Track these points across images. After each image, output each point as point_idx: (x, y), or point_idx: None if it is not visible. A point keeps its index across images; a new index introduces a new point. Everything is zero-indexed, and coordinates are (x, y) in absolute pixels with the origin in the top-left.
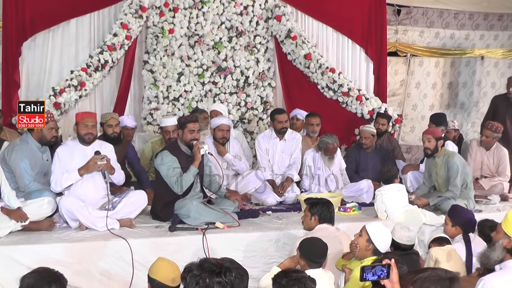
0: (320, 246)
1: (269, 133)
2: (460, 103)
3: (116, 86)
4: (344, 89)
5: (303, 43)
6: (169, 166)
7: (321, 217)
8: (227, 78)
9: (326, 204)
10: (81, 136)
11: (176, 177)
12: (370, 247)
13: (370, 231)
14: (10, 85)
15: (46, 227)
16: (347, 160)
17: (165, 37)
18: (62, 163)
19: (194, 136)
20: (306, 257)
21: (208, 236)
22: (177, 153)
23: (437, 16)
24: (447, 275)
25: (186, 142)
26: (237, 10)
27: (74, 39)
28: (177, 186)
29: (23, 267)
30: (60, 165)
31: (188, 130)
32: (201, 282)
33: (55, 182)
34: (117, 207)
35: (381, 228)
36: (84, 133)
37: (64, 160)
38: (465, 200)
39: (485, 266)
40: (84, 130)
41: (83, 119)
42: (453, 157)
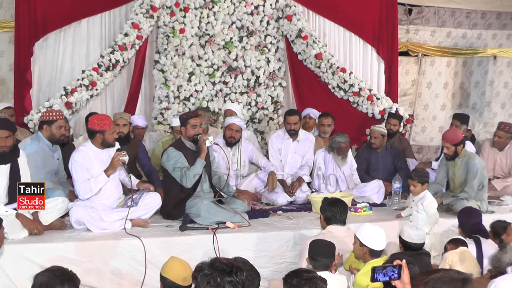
0: (326, 247)
1: (282, 133)
2: (472, 103)
3: (127, 86)
4: (355, 89)
5: (314, 43)
6: (175, 161)
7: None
8: (238, 78)
9: (334, 204)
10: (109, 143)
11: (183, 171)
12: (365, 251)
13: (359, 235)
14: (22, 85)
15: (58, 227)
16: (358, 160)
17: (176, 37)
18: (83, 170)
19: (197, 131)
20: (311, 257)
21: (219, 236)
22: (183, 150)
23: (449, 16)
24: (459, 276)
25: (190, 137)
26: (247, 10)
27: (86, 39)
28: (185, 179)
29: (35, 265)
30: (82, 172)
31: (190, 125)
32: (212, 282)
33: (84, 190)
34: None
35: (369, 229)
36: (113, 140)
37: (85, 166)
38: (478, 201)
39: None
40: (111, 137)
41: (110, 127)
42: (473, 158)
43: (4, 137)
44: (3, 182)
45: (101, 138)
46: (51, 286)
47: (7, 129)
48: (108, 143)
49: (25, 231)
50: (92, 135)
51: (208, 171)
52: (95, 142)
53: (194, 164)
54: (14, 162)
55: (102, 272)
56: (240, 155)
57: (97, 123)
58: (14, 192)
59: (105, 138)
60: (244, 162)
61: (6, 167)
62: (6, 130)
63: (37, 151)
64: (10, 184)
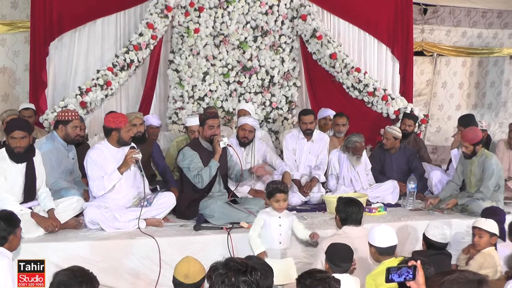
0: (345, 251)
1: (297, 133)
2: (488, 103)
3: (141, 86)
4: (370, 89)
5: (329, 43)
6: (190, 161)
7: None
8: (252, 78)
9: (350, 204)
10: (124, 141)
11: (196, 171)
12: (373, 250)
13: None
14: (37, 84)
15: (73, 226)
16: (372, 161)
17: (190, 37)
18: (98, 167)
19: (214, 132)
20: (330, 261)
21: (233, 235)
22: (199, 150)
23: (464, 15)
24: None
25: (206, 138)
26: (262, 10)
27: (100, 38)
28: (198, 180)
29: (50, 264)
30: (97, 169)
31: (207, 126)
32: (227, 281)
33: (97, 187)
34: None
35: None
36: (128, 138)
37: (100, 164)
38: (494, 202)
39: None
40: (127, 134)
41: (125, 125)
42: (490, 158)
43: (20, 137)
44: (19, 181)
45: (117, 136)
46: (68, 286)
47: (23, 130)
48: (124, 141)
49: (40, 230)
50: (108, 133)
51: (223, 172)
52: (111, 140)
53: (208, 165)
54: (30, 161)
55: (116, 271)
56: (254, 155)
57: (113, 120)
58: (29, 191)
59: (120, 136)
60: (257, 162)
61: (22, 166)
62: (21, 130)
63: (52, 150)
64: (26, 183)
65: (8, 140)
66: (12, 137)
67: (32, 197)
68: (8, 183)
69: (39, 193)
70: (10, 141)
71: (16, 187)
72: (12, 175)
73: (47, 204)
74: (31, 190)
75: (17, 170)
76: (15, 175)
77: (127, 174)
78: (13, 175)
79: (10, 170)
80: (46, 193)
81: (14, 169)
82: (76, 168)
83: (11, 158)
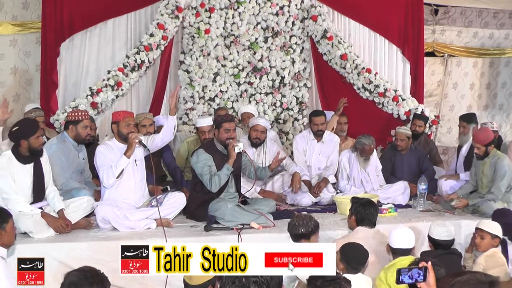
0: (361, 253)
1: (307, 134)
2: (499, 104)
3: (152, 86)
4: (380, 89)
5: (339, 44)
6: (204, 164)
7: (358, 217)
8: (263, 79)
9: (367, 205)
10: (123, 135)
11: (210, 175)
12: (388, 249)
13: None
14: (48, 85)
15: (83, 226)
16: (383, 161)
17: (201, 38)
18: (107, 158)
19: (230, 135)
20: (346, 261)
21: (244, 236)
22: (213, 152)
23: (475, 16)
24: (486, 279)
25: (222, 141)
26: (273, 11)
27: (111, 39)
28: (211, 184)
29: (60, 264)
30: (105, 159)
31: (223, 129)
32: (237, 281)
33: (107, 175)
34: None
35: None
36: (127, 132)
37: (109, 156)
38: (505, 203)
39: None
40: (126, 129)
41: (124, 119)
42: (502, 159)
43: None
44: (28, 182)
45: (116, 129)
46: (79, 286)
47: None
48: (123, 135)
49: (51, 230)
50: (111, 128)
51: (236, 174)
52: (115, 135)
53: (222, 170)
54: (37, 161)
55: None
56: (265, 155)
57: (114, 114)
58: (38, 191)
59: (119, 129)
60: (269, 162)
61: (29, 166)
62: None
63: (62, 150)
64: (34, 183)
65: (32, 141)
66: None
67: (41, 197)
68: (16, 184)
69: (47, 192)
70: (34, 141)
71: (25, 187)
72: (20, 176)
73: (57, 204)
74: (40, 190)
75: (25, 171)
76: (23, 176)
77: (134, 169)
78: (21, 176)
79: (17, 171)
80: (54, 192)
81: (22, 170)
82: (86, 168)
83: (18, 159)
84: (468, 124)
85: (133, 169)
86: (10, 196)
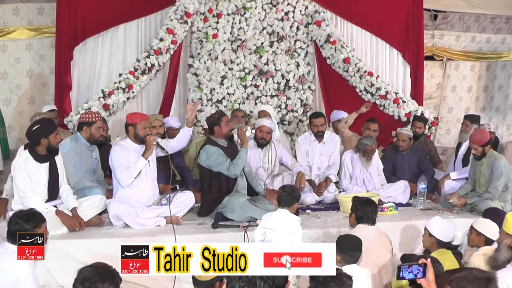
0: (354, 240)
1: (308, 135)
2: (496, 106)
3: (162, 89)
4: (382, 92)
5: (342, 48)
6: (217, 155)
7: (357, 215)
8: (268, 81)
9: (366, 204)
10: (140, 137)
11: (228, 162)
12: (432, 240)
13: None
14: (62, 87)
15: (95, 224)
16: (384, 162)
17: (209, 42)
18: (123, 158)
19: (232, 126)
20: (341, 251)
21: (250, 234)
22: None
23: (473, 21)
24: (483, 275)
25: (226, 134)
26: (278, 16)
27: (123, 43)
28: (233, 168)
29: (74, 261)
30: (122, 159)
31: (224, 123)
32: (244, 277)
33: (125, 175)
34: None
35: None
36: (144, 135)
37: (124, 156)
38: (502, 202)
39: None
40: (143, 132)
41: (141, 122)
42: (499, 160)
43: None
44: (43, 181)
45: (133, 131)
46: (92, 282)
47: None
48: (140, 137)
49: (64, 227)
50: (126, 129)
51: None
52: (130, 136)
53: (239, 154)
54: (52, 161)
55: None
56: (271, 155)
57: (130, 116)
58: (53, 190)
59: (136, 132)
60: (274, 162)
61: (45, 165)
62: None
63: (76, 150)
64: (50, 182)
65: (51, 138)
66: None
67: (55, 195)
68: (32, 183)
69: (61, 191)
70: (53, 139)
71: (40, 186)
72: (36, 175)
73: (70, 203)
74: (55, 188)
75: (41, 169)
76: (39, 174)
77: (147, 169)
78: (37, 175)
79: (34, 170)
80: (68, 191)
81: (38, 169)
82: (99, 167)
83: (35, 159)
84: (471, 124)
85: (146, 169)
86: (26, 195)
